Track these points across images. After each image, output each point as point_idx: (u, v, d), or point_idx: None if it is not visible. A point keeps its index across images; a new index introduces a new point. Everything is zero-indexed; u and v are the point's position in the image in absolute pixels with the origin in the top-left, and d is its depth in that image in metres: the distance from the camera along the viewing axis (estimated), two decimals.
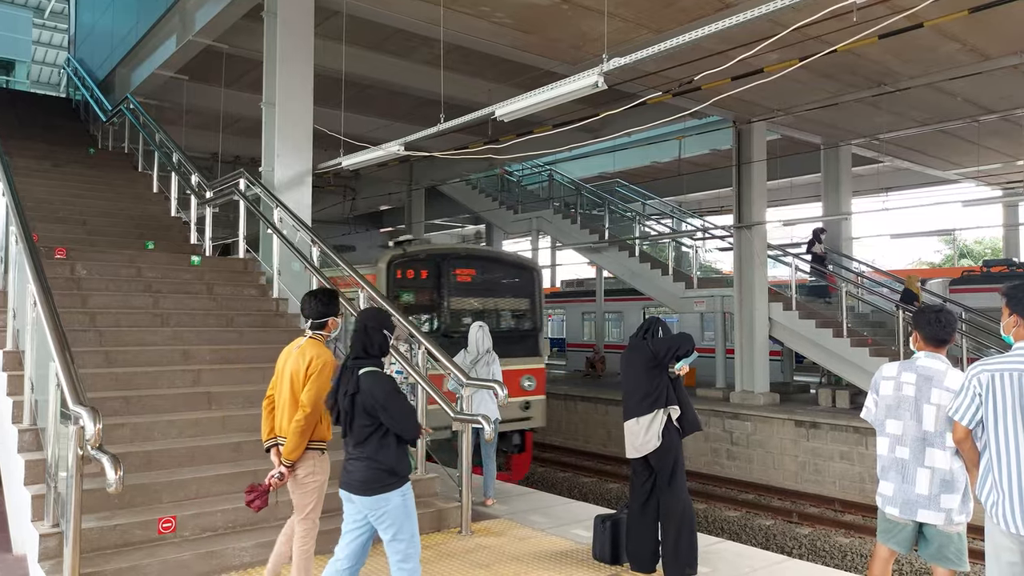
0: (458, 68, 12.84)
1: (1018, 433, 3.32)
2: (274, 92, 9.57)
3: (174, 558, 4.91)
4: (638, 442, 5.13)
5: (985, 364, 3.51)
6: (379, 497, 3.86)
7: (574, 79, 6.68)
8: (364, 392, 3.82)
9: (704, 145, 18.66)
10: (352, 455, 3.95)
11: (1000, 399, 3.38)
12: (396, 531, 3.90)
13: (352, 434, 3.89)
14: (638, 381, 5.21)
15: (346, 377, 3.91)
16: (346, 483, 3.96)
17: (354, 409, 3.85)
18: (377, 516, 3.90)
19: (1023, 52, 11.09)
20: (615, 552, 5.36)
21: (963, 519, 3.87)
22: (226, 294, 8.47)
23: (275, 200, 8.85)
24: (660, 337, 5.25)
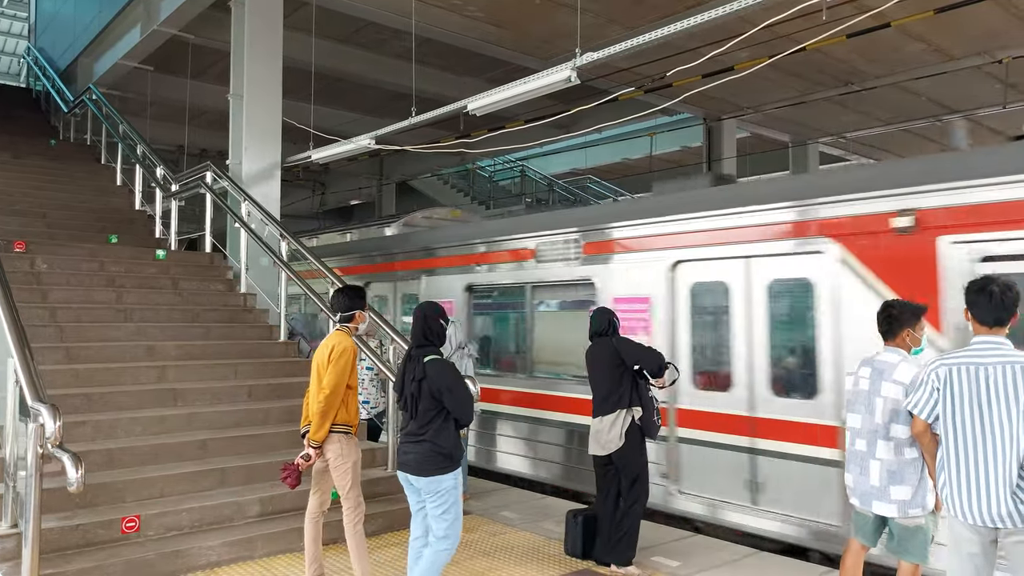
0: (429, 62, 12.74)
1: (974, 426, 3.38)
2: (242, 84, 9.41)
3: (138, 558, 4.80)
4: (602, 440, 5.16)
5: (943, 359, 3.57)
6: (435, 478, 4.12)
7: (547, 73, 6.67)
8: (431, 377, 4.13)
9: (675, 142, 18.77)
10: (410, 439, 4.20)
11: (957, 393, 3.44)
12: (444, 510, 4.17)
13: (417, 417, 4.18)
14: (602, 379, 5.23)
15: (412, 365, 4.24)
16: (403, 464, 4.24)
17: (420, 393, 4.15)
18: (430, 494, 4.16)
19: (986, 53, 11.31)
20: (586, 547, 5.37)
21: (919, 512, 3.88)
22: (192, 289, 8.32)
23: (243, 194, 8.71)
24: (627, 342, 5.28)
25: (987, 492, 3.32)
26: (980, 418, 3.37)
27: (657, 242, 7.10)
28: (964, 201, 5.20)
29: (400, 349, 6.82)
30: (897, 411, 3.88)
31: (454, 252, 9.39)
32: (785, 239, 6.21)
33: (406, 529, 5.89)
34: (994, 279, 3.52)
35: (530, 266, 8.38)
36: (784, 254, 6.21)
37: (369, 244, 11.50)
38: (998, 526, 3.29)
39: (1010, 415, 3.29)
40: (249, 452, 6.18)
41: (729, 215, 6.55)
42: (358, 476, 4.75)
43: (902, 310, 4.09)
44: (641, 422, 5.12)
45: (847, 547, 4.21)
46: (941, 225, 5.29)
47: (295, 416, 6.82)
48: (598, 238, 7.65)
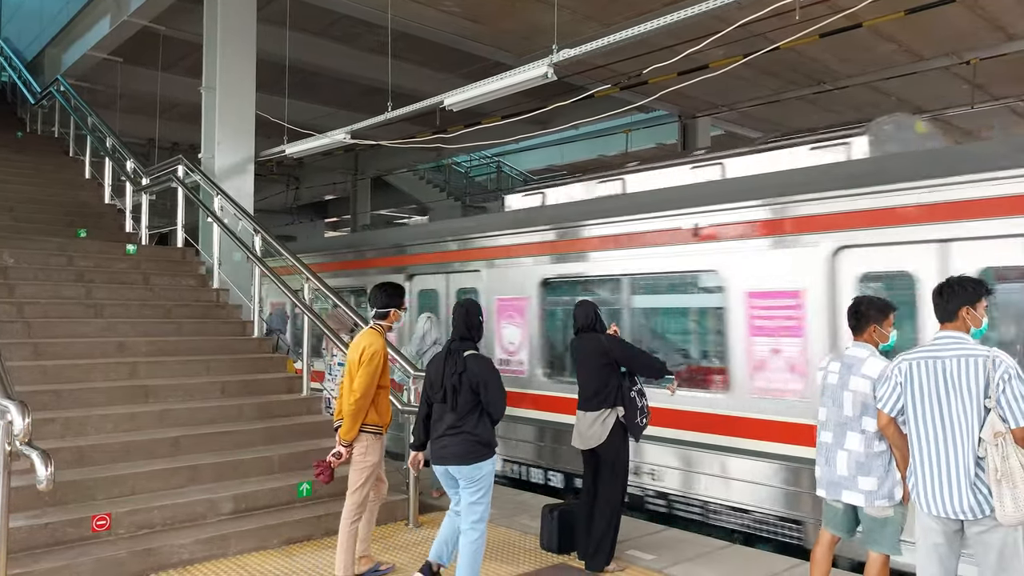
0: (406, 57, 12.68)
1: (935, 418, 3.47)
2: (214, 76, 9.29)
3: (109, 556, 4.74)
4: (585, 434, 5.18)
5: (906, 354, 3.67)
6: (475, 466, 4.33)
7: (524, 69, 6.68)
8: (471, 371, 4.34)
9: (650, 139, 18.87)
10: (448, 432, 4.37)
11: (919, 386, 3.53)
12: (481, 495, 4.38)
13: (456, 409, 4.35)
14: (590, 375, 5.24)
15: (452, 358, 4.44)
16: (441, 457, 4.40)
17: (460, 386, 4.34)
18: (469, 481, 4.36)
19: (954, 54, 11.52)
20: (562, 542, 5.39)
21: (886, 502, 3.94)
22: (163, 284, 8.20)
23: (215, 188, 8.61)
24: (619, 342, 5.30)
25: (948, 484, 3.40)
26: (939, 411, 3.46)
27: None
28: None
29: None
30: (866, 404, 3.95)
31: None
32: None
33: (381, 525, 5.94)
34: (950, 279, 3.66)
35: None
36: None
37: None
38: (960, 517, 3.38)
39: (966, 408, 3.38)
40: (222, 449, 6.12)
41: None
42: (372, 478, 4.89)
43: (869, 307, 4.16)
44: (624, 420, 5.14)
45: (818, 538, 4.28)
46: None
47: (269, 412, 6.81)
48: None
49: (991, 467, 3.26)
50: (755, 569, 5.12)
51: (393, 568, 5.06)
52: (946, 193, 5.19)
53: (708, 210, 6.42)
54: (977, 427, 3.35)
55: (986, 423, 3.31)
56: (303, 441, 6.59)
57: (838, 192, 5.69)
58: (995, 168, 5.01)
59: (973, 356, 3.42)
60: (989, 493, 3.30)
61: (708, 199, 6.49)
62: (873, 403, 3.90)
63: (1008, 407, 3.30)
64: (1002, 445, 3.25)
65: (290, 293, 7.48)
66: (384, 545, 5.53)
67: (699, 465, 6.39)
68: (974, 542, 3.42)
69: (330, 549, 5.38)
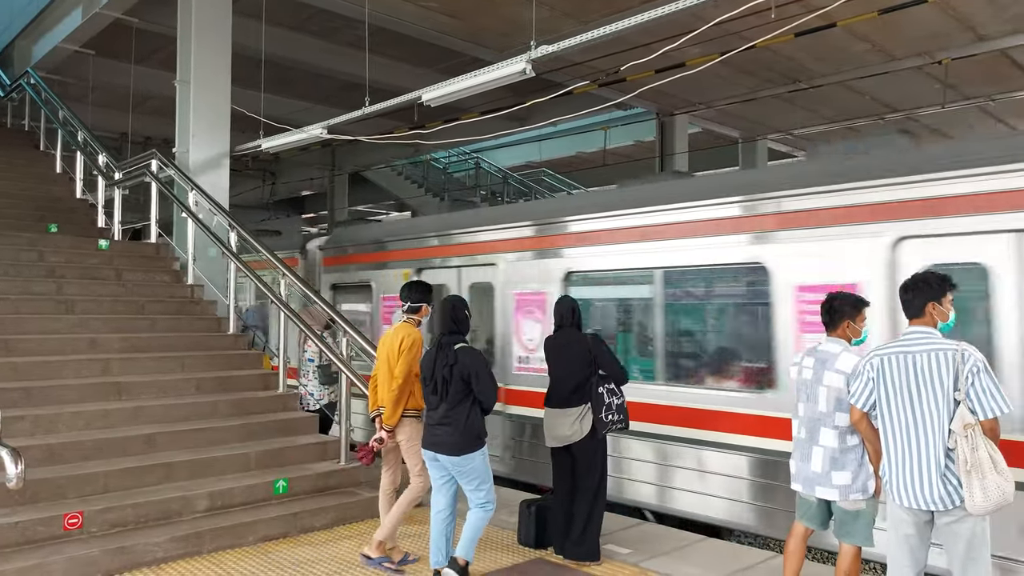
0: (384, 51, 12.59)
1: (906, 412, 3.53)
2: (189, 70, 9.18)
3: (82, 555, 4.68)
4: (564, 432, 5.17)
5: (878, 349, 3.73)
6: (466, 456, 4.51)
7: (502, 65, 6.68)
8: (462, 363, 4.52)
9: (628, 136, 18.92)
10: (441, 421, 4.57)
11: (890, 381, 3.59)
12: (479, 482, 4.59)
13: (448, 400, 4.54)
14: (571, 371, 5.21)
15: (443, 352, 4.60)
16: (434, 444, 4.60)
17: (452, 377, 4.52)
18: (463, 471, 4.56)
19: (927, 54, 11.68)
20: (540, 536, 5.41)
21: (860, 496, 4.00)
22: (136, 280, 8.10)
23: (190, 182, 8.51)
24: (604, 348, 5.31)
25: (919, 476, 3.46)
26: (910, 405, 3.52)
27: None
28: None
29: (353, 342, 6.77)
30: (840, 400, 4.00)
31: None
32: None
33: (359, 522, 5.94)
34: (911, 279, 3.73)
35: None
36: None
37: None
38: (930, 508, 3.44)
39: (936, 401, 3.45)
40: (197, 446, 6.06)
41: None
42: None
43: (843, 302, 4.22)
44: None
45: (791, 531, 4.34)
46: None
47: (243, 409, 6.76)
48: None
49: (961, 458, 3.32)
50: (731, 562, 5.17)
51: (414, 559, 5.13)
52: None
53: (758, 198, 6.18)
54: (947, 419, 3.41)
55: (956, 415, 3.38)
56: (279, 438, 6.55)
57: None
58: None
59: (942, 350, 3.48)
60: (959, 484, 3.36)
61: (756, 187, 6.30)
62: (847, 398, 3.95)
63: (977, 399, 3.37)
64: (972, 436, 3.31)
65: (266, 288, 7.42)
66: (360, 542, 5.49)
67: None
68: (944, 532, 3.49)
69: (307, 546, 5.37)
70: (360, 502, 6.10)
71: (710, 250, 6.45)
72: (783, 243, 5.98)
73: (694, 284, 6.92)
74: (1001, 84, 13.21)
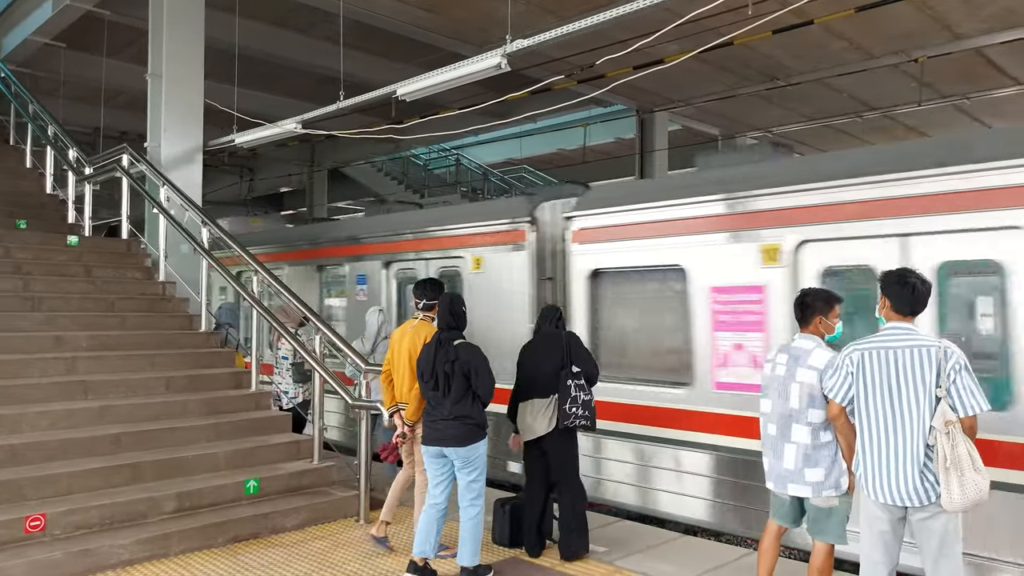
0: (361, 46, 12.47)
1: (885, 407, 3.51)
2: (161, 63, 9.04)
3: (44, 558, 4.56)
4: (533, 423, 5.14)
5: (857, 344, 3.69)
6: (471, 447, 4.65)
7: (477, 59, 6.61)
8: (462, 359, 4.64)
9: (609, 134, 18.95)
10: (445, 416, 4.66)
11: (869, 376, 3.56)
12: (477, 475, 4.74)
13: (451, 395, 4.64)
14: (546, 374, 5.15)
15: (443, 348, 4.72)
16: (440, 439, 4.69)
17: (453, 372, 4.63)
18: (466, 461, 4.68)
19: (903, 52, 11.75)
20: (514, 535, 5.36)
21: (833, 492, 3.98)
22: (106, 277, 7.95)
23: (161, 178, 8.36)
24: (581, 345, 5.27)
25: (897, 471, 3.45)
26: (890, 400, 3.49)
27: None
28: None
29: (326, 339, 6.68)
30: (813, 396, 3.98)
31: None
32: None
33: (331, 522, 5.86)
34: (913, 272, 3.66)
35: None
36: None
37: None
38: (907, 504, 3.43)
39: (918, 397, 3.43)
40: (166, 446, 5.94)
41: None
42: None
43: (815, 298, 4.20)
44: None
45: (765, 528, 4.31)
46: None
47: (214, 408, 6.65)
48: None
49: (940, 455, 3.31)
50: (705, 560, 5.15)
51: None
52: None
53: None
54: (928, 416, 3.40)
55: (937, 412, 3.37)
56: (251, 437, 6.45)
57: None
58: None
59: (925, 347, 3.46)
60: (935, 480, 3.35)
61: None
62: (820, 394, 3.93)
63: (958, 396, 3.36)
64: (952, 433, 3.31)
65: (236, 285, 7.31)
66: (332, 542, 5.42)
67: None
68: (917, 528, 3.48)
69: (277, 547, 5.29)
70: (333, 502, 6.01)
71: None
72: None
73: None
74: (976, 83, 13.35)
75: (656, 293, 6.74)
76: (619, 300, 6.93)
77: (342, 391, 6.15)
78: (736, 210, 6.00)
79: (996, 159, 4.84)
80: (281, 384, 7.57)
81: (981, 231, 4.89)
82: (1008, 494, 4.61)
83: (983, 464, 3.32)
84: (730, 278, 5.99)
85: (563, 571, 4.94)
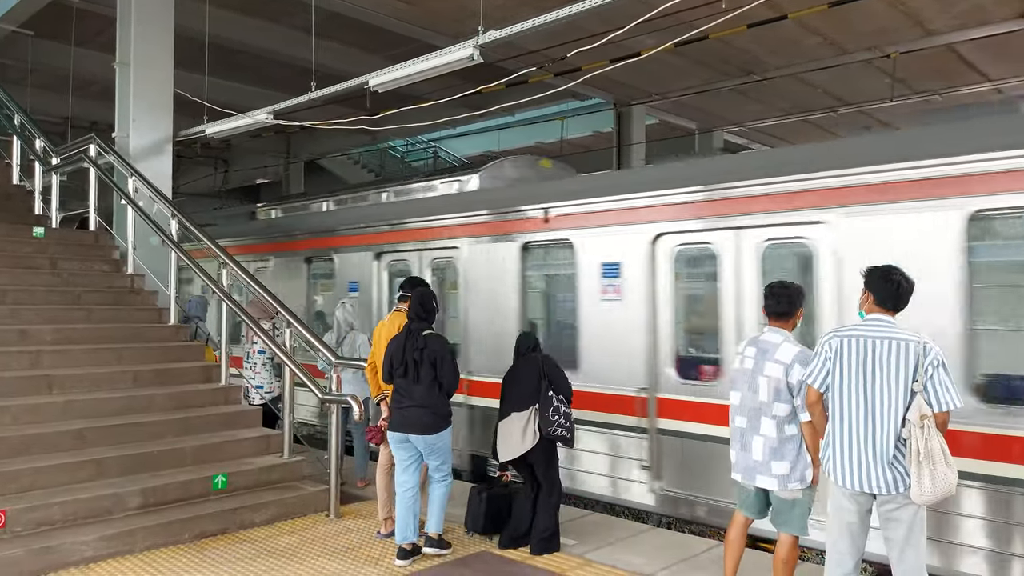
0: (336, 36, 12.34)
1: (858, 395, 3.54)
2: (129, 51, 8.88)
3: (4, 555, 4.50)
4: (518, 437, 5.09)
5: (837, 331, 3.73)
6: (437, 435, 4.89)
7: (450, 50, 6.55)
8: (430, 348, 4.89)
9: (587, 127, 18.93)
10: (412, 404, 4.88)
11: (846, 363, 3.59)
12: (443, 460, 5.01)
13: (419, 383, 4.87)
14: (524, 396, 5.15)
15: (412, 338, 4.95)
16: (405, 425, 4.91)
17: (422, 361, 4.87)
18: (432, 449, 4.92)
19: (876, 48, 11.84)
20: (488, 523, 5.34)
21: (798, 485, 4.02)
22: (73, 269, 7.80)
23: (130, 169, 8.22)
24: (557, 368, 5.27)
25: (867, 461, 3.48)
26: (864, 389, 3.52)
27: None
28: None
29: (296, 333, 6.62)
30: (779, 390, 4.00)
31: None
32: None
33: (301, 517, 5.81)
34: (896, 269, 3.69)
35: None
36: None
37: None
38: (875, 493, 3.46)
39: (894, 389, 3.46)
40: (132, 441, 5.85)
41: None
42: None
43: (799, 292, 4.22)
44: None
45: (732, 520, 4.34)
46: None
47: (182, 403, 6.58)
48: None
49: (914, 448, 3.34)
50: (675, 551, 5.17)
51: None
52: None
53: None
54: (902, 408, 3.43)
55: (913, 406, 3.40)
56: (219, 432, 6.37)
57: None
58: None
59: (904, 340, 3.49)
60: (905, 472, 3.39)
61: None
62: (785, 388, 3.96)
63: (934, 392, 3.40)
64: (927, 427, 3.35)
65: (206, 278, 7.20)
66: (301, 538, 5.37)
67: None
68: (885, 519, 3.52)
69: (245, 543, 5.23)
70: (303, 497, 5.97)
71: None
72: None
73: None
74: (948, 79, 13.47)
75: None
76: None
77: (312, 385, 6.09)
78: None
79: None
80: (254, 379, 7.48)
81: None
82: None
83: (952, 458, 3.37)
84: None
85: (533, 564, 4.93)
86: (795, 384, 3.96)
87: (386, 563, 4.91)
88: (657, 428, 6.21)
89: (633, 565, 4.90)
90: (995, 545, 4.64)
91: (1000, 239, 4.98)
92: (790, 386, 3.98)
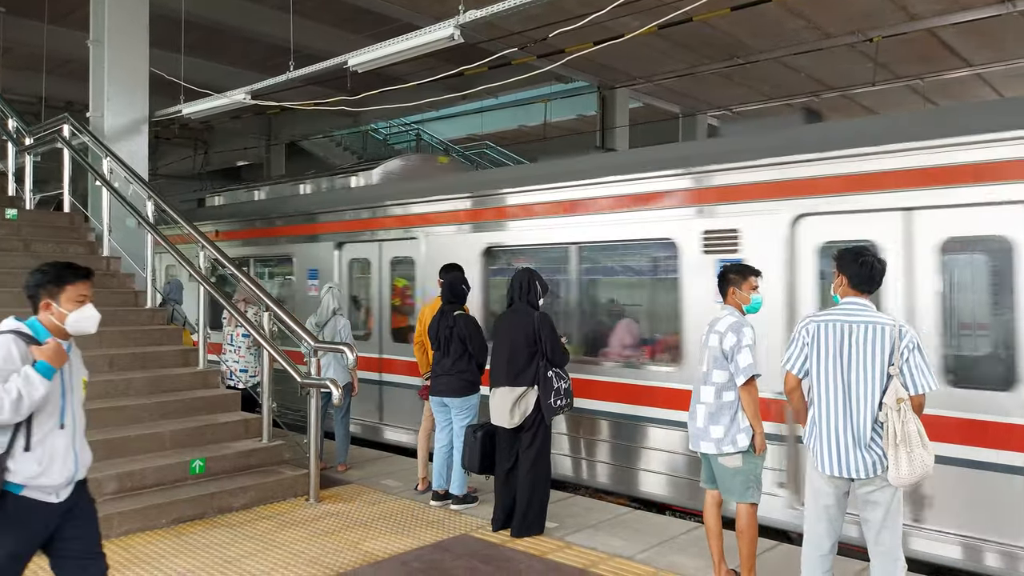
0: (316, 16, 12.16)
1: (836, 380, 3.55)
2: (103, 29, 8.69)
3: None
4: (506, 414, 5.08)
5: (814, 316, 3.74)
6: (467, 397, 5.69)
7: (430, 30, 6.46)
8: (459, 327, 5.66)
9: (571, 110, 18.81)
10: (446, 373, 5.70)
11: (823, 347, 3.60)
12: (470, 420, 5.72)
13: (450, 356, 5.68)
14: (518, 353, 5.11)
15: (446, 317, 5.72)
16: (441, 391, 5.75)
17: (452, 337, 5.65)
18: (462, 409, 5.70)
19: (859, 32, 11.83)
20: (484, 463, 5.32)
21: (731, 449, 4.16)
22: (47, 252, 7.64)
23: (104, 149, 8.07)
24: (552, 329, 5.19)
25: (845, 445, 3.50)
26: (842, 374, 3.54)
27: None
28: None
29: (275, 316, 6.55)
30: (716, 358, 4.22)
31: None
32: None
33: (280, 502, 5.79)
34: (867, 251, 3.71)
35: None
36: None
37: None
38: (853, 476, 3.49)
39: (872, 373, 3.47)
40: (108, 425, 5.78)
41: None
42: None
43: (727, 272, 4.44)
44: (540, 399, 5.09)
45: (704, 503, 4.41)
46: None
47: (160, 387, 6.52)
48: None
49: (891, 431, 3.36)
50: (655, 534, 5.20)
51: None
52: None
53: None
54: (879, 392, 3.45)
55: (889, 389, 3.42)
56: (197, 416, 6.32)
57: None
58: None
59: (881, 324, 3.51)
60: (883, 455, 3.41)
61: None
62: (721, 356, 4.17)
63: (910, 375, 3.43)
64: (903, 410, 3.37)
65: (185, 262, 7.10)
66: (279, 522, 5.35)
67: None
68: (862, 502, 3.55)
69: (223, 527, 5.20)
70: (282, 481, 5.94)
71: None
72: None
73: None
74: (931, 64, 13.50)
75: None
76: None
77: (291, 369, 6.03)
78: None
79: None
80: (238, 363, 7.41)
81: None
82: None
83: (929, 441, 3.39)
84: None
85: (513, 547, 4.94)
86: (727, 350, 4.16)
87: (364, 547, 4.90)
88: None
89: (613, 547, 4.92)
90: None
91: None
92: (724, 352, 4.17)
